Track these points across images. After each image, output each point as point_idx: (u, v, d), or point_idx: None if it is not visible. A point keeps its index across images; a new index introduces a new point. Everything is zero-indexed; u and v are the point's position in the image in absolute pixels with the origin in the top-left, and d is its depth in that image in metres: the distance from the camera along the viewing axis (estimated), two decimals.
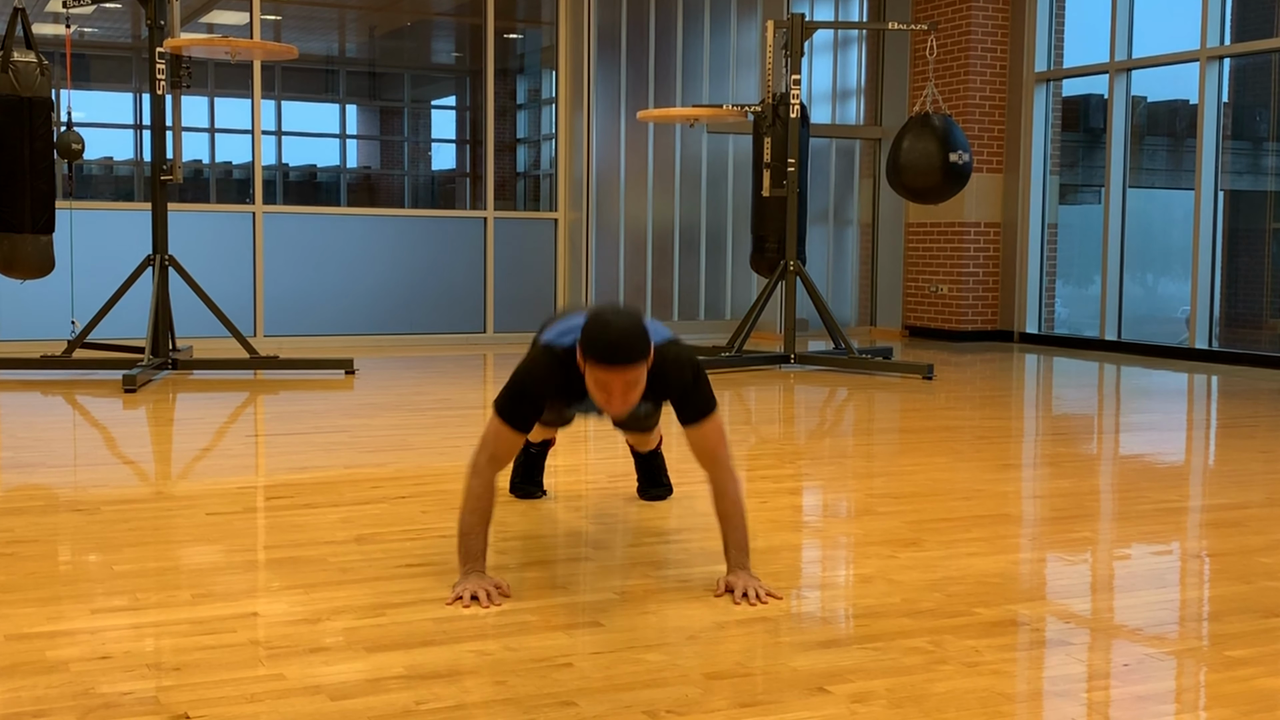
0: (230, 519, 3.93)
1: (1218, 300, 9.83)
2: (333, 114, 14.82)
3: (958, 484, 4.64)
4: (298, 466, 4.84)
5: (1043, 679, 2.64)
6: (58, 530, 3.75)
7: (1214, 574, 3.47)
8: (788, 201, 8.66)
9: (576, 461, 5.03)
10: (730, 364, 8.52)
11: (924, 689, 2.50)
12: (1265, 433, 6.10)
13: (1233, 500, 4.46)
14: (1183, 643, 2.85)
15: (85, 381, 7.34)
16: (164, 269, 7.65)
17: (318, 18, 12.83)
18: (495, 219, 10.52)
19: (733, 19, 11.21)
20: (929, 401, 7.03)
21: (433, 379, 7.82)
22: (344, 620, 2.88)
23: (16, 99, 7.08)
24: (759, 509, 4.15)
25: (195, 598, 3.06)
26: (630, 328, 2.92)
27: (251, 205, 9.81)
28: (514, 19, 11.87)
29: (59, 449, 5.18)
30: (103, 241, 8.98)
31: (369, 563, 3.40)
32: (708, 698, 2.44)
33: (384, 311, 10.20)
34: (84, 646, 2.68)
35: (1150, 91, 11.06)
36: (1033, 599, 3.16)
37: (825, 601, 3.14)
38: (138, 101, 12.85)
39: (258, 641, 2.74)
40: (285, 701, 2.39)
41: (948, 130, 8.59)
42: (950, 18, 11.07)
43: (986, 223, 11.08)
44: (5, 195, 7.13)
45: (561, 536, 3.77)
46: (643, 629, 2.87)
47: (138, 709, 2.33)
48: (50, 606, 2.97)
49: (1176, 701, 2.51)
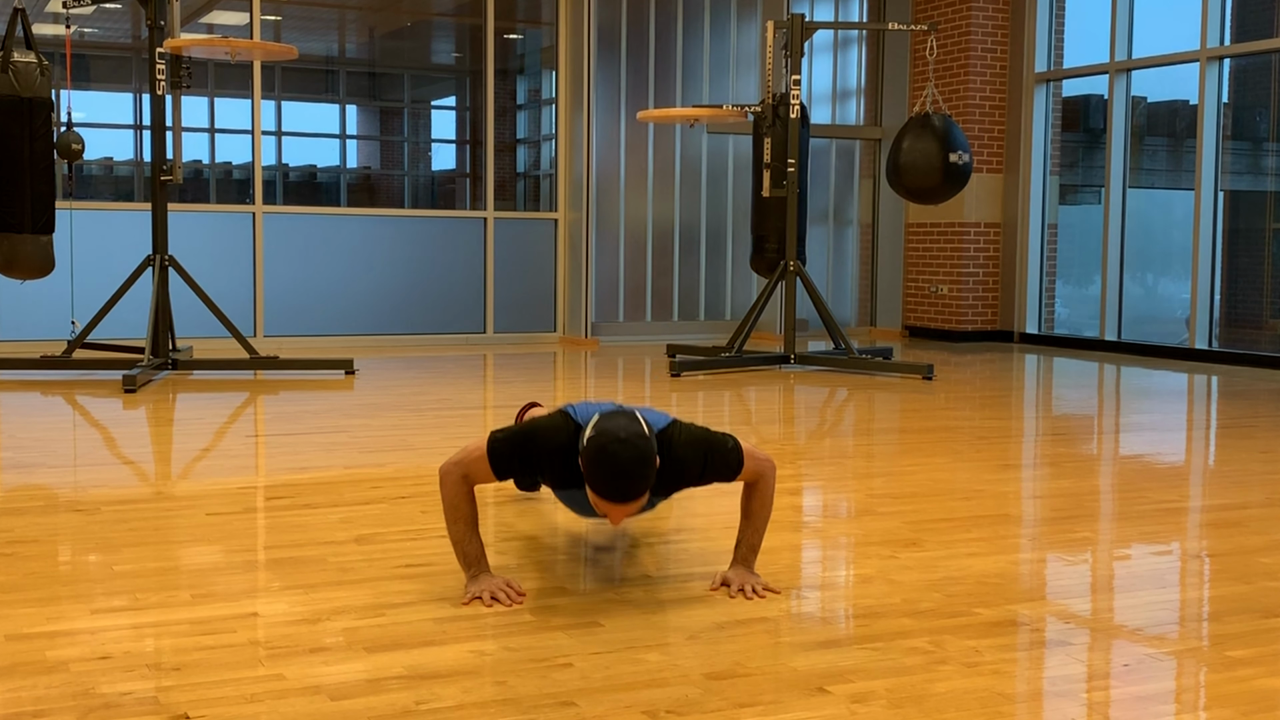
0: (230, 519, 3.93)
1: (1218, 300, 9.83)
2: (333, 114, 14.83)
3: (958, 484, 4.64)
4: (298, 466, 4.84)
5: (1043, 679, 2.64)
6: (58, 530, 3.75)
7: (1214, 574, 3.47)
8: (788, 202, 8.66)
9: None
10: (730, 364, 8.51)
11: (924, 689, 2.50)
12: (1265, 433, 6.10)
13: (1233, 500, 4.46)
14: (1183, 643, 2.85)
15: (85, 382, 7.34)
16: (164, 269, 7.64)
17: (318, 18, 12.83)
18: (495, 219, 10.52)
19: (733, 19, 11.22)
20: (929, 402, 7.03)
21: (433, 379, 7.82)
22: (344, 620, 2.88)
23: (16, 99, 7.08)
24: None
25: (195, 598, 3.06)
26: (635, 460, 2.78)
27: (251, 205, 9.81)
28: (514, 19, 11.88)
29: (59, 449, 5.18)
30: (103, 242, 8.97)
31: (369, 563, 3.40)
32: (708, 698, 2.44)
33: (384, 312, 10.20)
34: (84, 646, 2.68)
35: (1150, 92, 11.07)
36: (1033, 599, 3.16)
37: (825, 602, 3.14)
38: (138, 102, 12.86)
39: (258, 642, 2.74)
40: (285, 701, 2.39)
41: (948, 130, 8.60)
42: (950, 18, 11.08)
43: (986, 223, 11.08)
44: (5, 195, 7.13)
45: (561, 537, 3.77)
46: (643, 629, 2.87)
47: (138, 709, 2.33)
48: (50, 606, 2.97)
49: (1176, 702, 2.51)
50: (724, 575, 3.16)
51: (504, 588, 3.04)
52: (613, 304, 10.90)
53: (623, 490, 2.80)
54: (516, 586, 3.07)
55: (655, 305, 11.08)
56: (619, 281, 10.91)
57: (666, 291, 11.13)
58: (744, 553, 3.20)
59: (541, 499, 4.23)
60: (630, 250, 10.95)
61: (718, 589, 3.14)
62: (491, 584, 3.05)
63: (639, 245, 11.00)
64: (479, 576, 3.07)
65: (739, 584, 3.11)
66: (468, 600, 3.02)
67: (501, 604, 3.00)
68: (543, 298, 10.73)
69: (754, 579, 3.13)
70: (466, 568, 3.10)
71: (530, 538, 3.75)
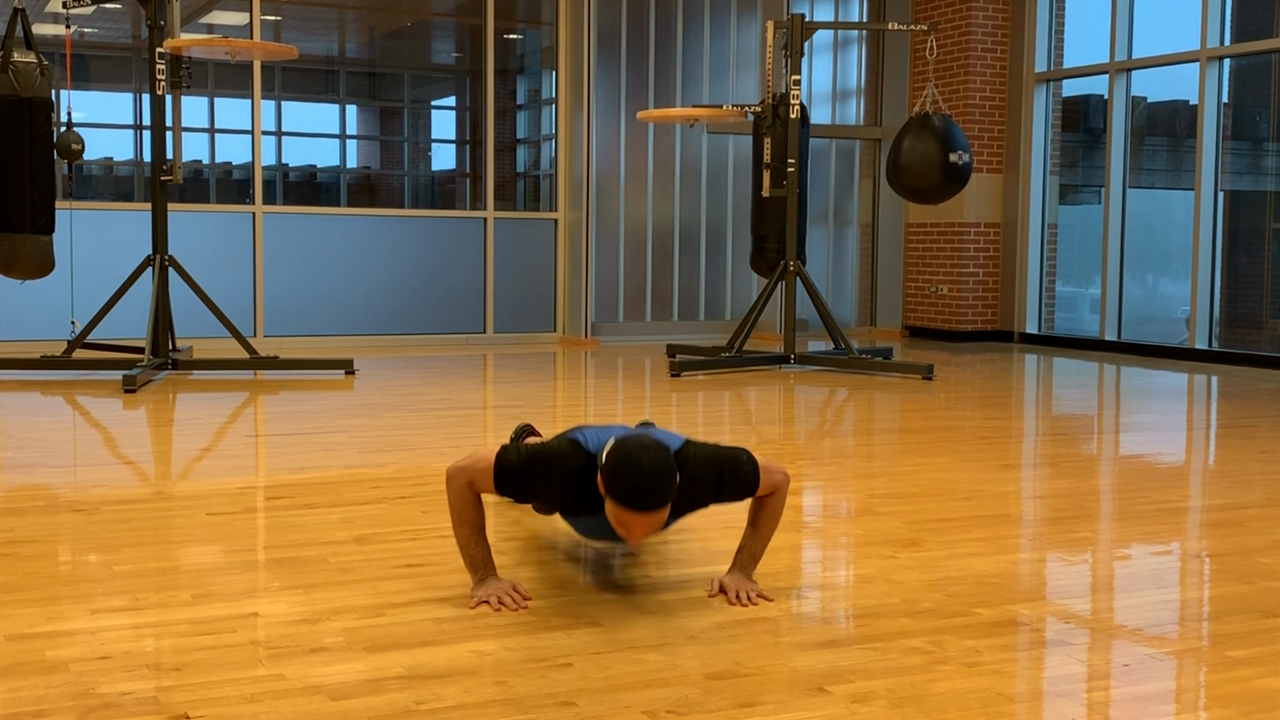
0: (230, 519, 3.93)
1: (1218, 300, 9.84)
2: (333, 114, 14.81)
3: (958, 484, 4.64)
4: (298, 467, 4.84)
5: (1043, 679, 2.64)
6: (58, 530, 3.75)
7: (1214, 574, 3.47)
8: (788, 202, 8.66)
9: None
10: (730, 364, 8.51)
11: (924, 689, 2.50)
12: (1265, 433, 6.10)
13: (1233, 500, 4.46)
14: (1183, 643, 2.85)
15: (85, 381, 7.34)
16: (164, 269, 7.64)
17: (317, 18, 12.83)
18: (495, 219, 10.52)
19: (733, 19, 11.22)
20: (929, 402, 7.03)
21: (433, 379, 7.82)
22: (344, 620, 2.88)
23: (16, 99, 7.08)
24: None
25: (195, 598, 3.06)
26: (658, 468, 2.76)
27: (251, 205, 9.81)
28: (514, 19, 11.87)
29: (59, 449, 5.18)
30: (102, 241, 8.98)
31: (369, 563, 3.40)
32: (708, 698, 2.44)
33: (384, 311, 10.20)
34: (84, 647, 2.68)
35: (1150, 92, 11.06)
36: (1033, 599, 3.16)
37: (825, 602, 3.14)
38: (138, 102, 12.84)
39: (258, 642, 2.74)
40: (285, 701, 2.39)
41: (948, 130, 8.60)
42: (950, 18, 11.07)
43: (986, 223, 11.08)
44: (5, 195, 7.13)
45: (561, 536, 3.77)
46: (643, 629, 2.86)
47: (138, 709, 2.33)
48: (50, 607, 2.97)
49: (1176, 701, 2.51)
50: (721, 581, 3.16)
51: (510, 593, 3.03)
52: (613, 304, 10.90)
53: (647, 497, 2.76)
54: (522, 591, 3.07)
55: (655, 305, 11.08)
56: (619, 281, 10.91)
57: (666, 291, 11.13)
58: (745, 559, 3.19)
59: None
60: (630, 250, 10.95)
61: (715, 596, 3.14)
62: (498, 588, 3.04)
63: (639, 245, 11.00)
64: (486, 580, 3.07)
65: (735, 590, 3.11)
66: (475, 604, 3.01)
67: (508, 608, 3.00)
68: (543, 298, 10.73)
69: (750, 586, 3.13)
70: (473, 571, 3.09)
71: (530, 538, 3.75)
